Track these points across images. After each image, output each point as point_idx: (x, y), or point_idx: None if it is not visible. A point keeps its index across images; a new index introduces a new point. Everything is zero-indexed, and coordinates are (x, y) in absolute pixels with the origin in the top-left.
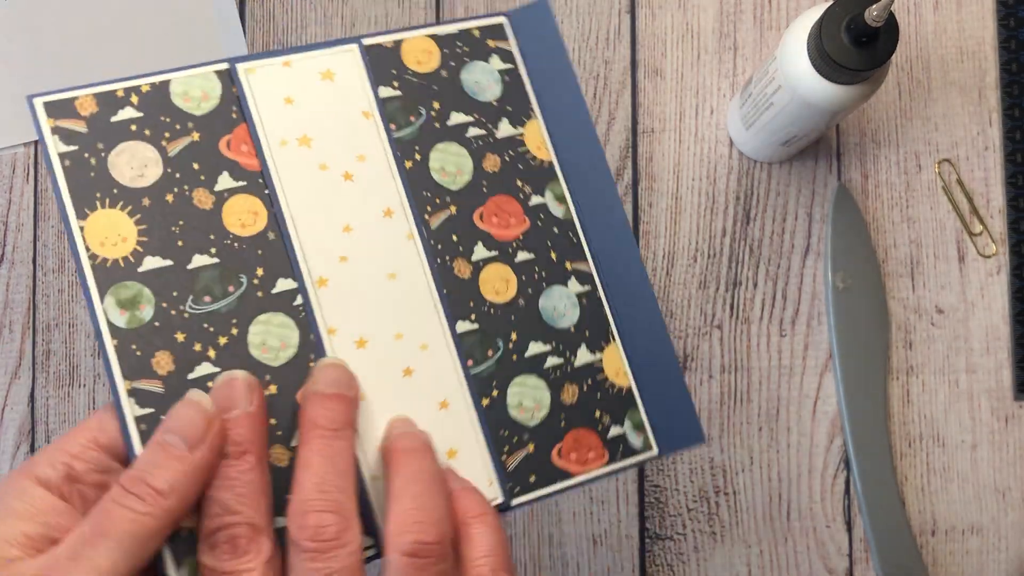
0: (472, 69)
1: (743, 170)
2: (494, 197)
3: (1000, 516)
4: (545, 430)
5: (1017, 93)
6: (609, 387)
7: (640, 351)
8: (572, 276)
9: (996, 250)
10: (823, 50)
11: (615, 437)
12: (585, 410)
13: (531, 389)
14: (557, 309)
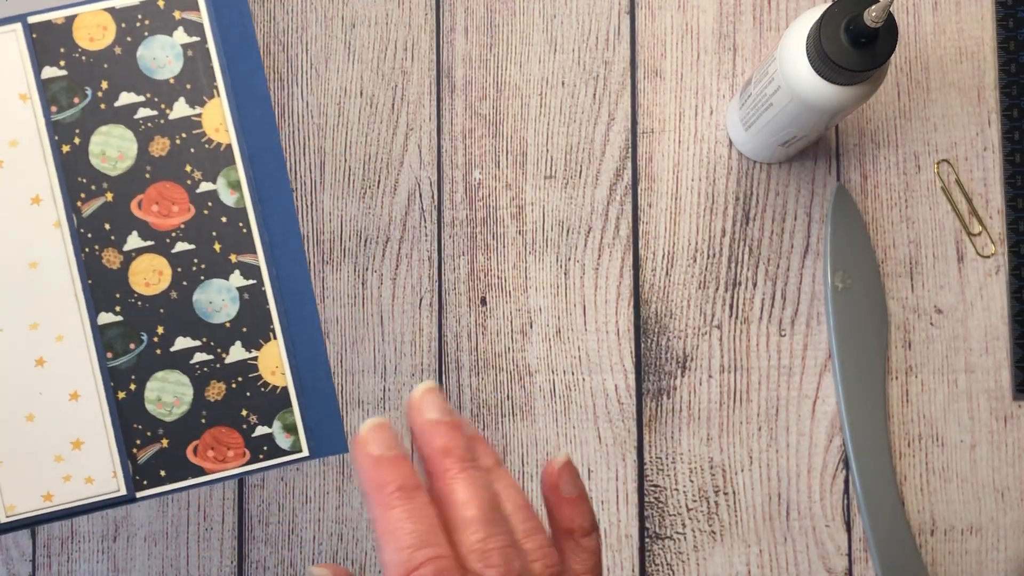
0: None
1: (742, 171)
2: (157, 184)
3: (999, 516)
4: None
5: (1016, 94)
6: (262, 386)
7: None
8: (236, 269)
9: (995, 250)
10: (822, 51)
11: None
12: (230, 408)
13: (172, 384)
14: (213, 303)
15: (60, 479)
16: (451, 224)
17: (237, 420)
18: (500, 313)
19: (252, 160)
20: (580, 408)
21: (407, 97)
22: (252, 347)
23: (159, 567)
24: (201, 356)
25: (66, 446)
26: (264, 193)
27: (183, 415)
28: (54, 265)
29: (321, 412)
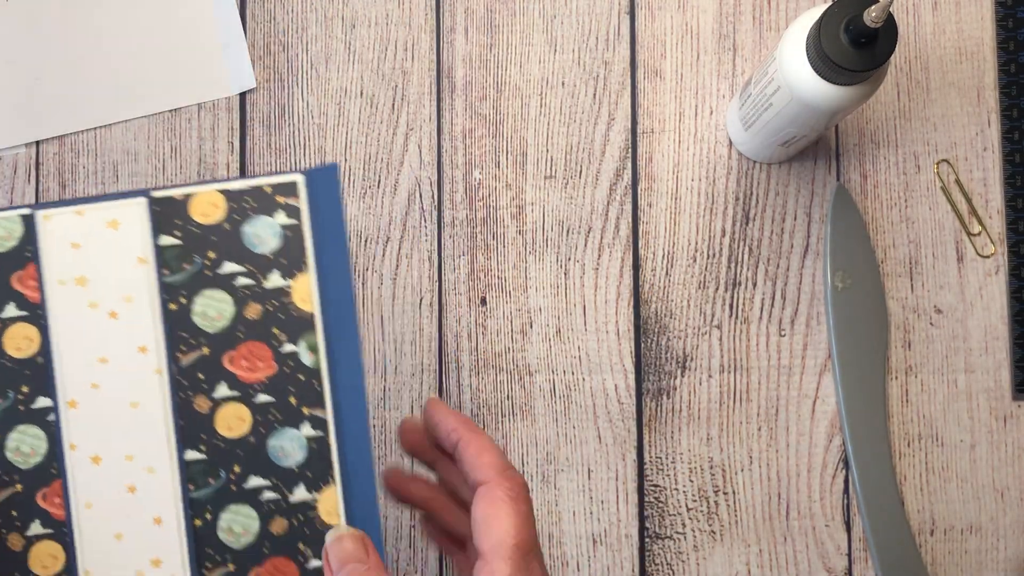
0: (255, 223)
1: (742, 171)
2: (247, 343)
3: (999, 515)
4: (248, 554)
5: (1015, 94)
6: (320, 524)
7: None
8: (307, 420)
9: (995, 250)
10: (822, 51)
11: (313, 569)
12: (289, 542)
13: (243, 517)
14: (284, 449)
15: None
16: (451, 224)
17: (294, 552)
18: (500, 313)
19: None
20: (580, 408)
21: (407, 97)
22: (314, 489)
23: None
24: (269, 495)
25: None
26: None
27: (249, 544)
28: (153, 406)
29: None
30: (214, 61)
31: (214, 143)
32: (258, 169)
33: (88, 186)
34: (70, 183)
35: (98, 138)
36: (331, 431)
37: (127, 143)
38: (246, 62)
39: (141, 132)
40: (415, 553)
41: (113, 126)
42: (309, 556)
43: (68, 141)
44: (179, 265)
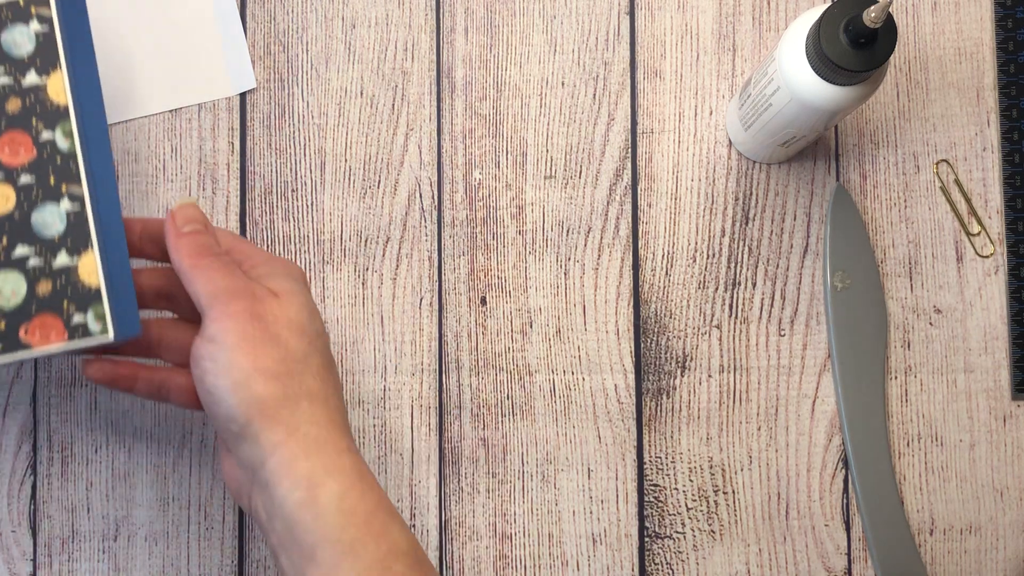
0: (12, 31)
1: (742, 171)
2: (9, 132)
3: (998, 515)
4: (17, 313)
5: (1015, 94)
6: (80, 285)
7: (112, 260)
8: (65, 196)
9: (994, 250)
10: (822, 51)
11: (77, 324)
12: (55, 301)
13: (12, 282)
14: (46, 222)
15: None
16: (451, 224)
17: (60, 309)
18: (500, 313)
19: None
20: (580, 408)
21: (407, 97)
22: (75, 255)
23: (160, 566)
24: (34, 261)
25: None
26: (89, 140)
27: (18, 305)
28: None
29: (123, 306)
30: (214, 61)
31: (214, 143)
32: (259, 170)
33: None
34: None
35: None
36: (87, 204)
37: (127, 143)
38: (246, 62)
39: (141, 132)
40: None
41: (113, 126)
42: (73, 312)
43: None
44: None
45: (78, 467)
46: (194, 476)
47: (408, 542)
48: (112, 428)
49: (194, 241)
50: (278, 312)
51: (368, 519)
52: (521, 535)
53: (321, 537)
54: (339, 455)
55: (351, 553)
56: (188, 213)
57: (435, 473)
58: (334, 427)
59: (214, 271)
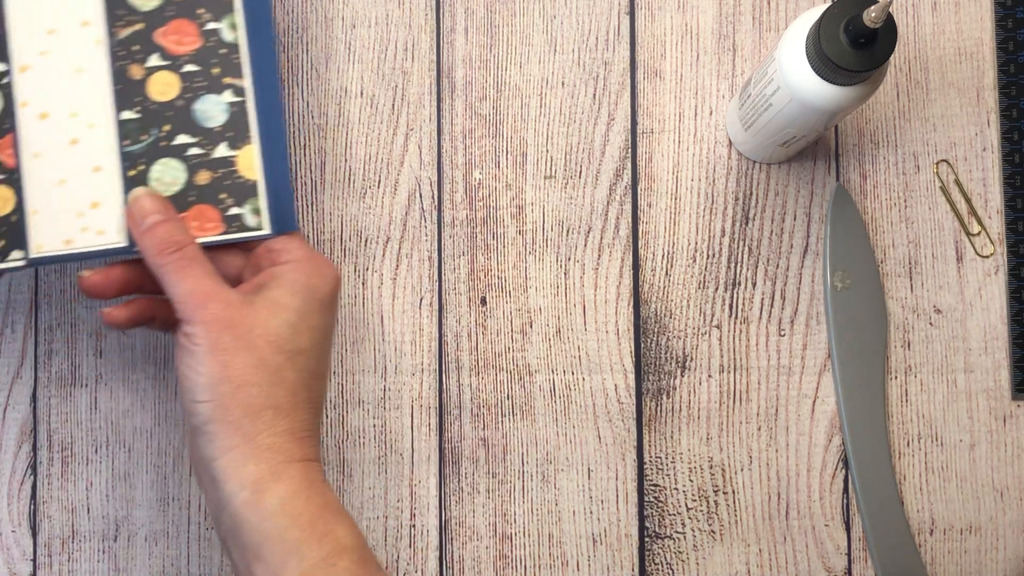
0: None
1: (742, 171)
2: (176, 20)
3: (998, 515)
4: (174, 201)
5: (1015, 94)
6: (238, 178)
7: (269, 155)
8: (228, 88)
9: (994, 250)
10: (822, 51)
11: (234, 215)
12: (213, 191)
13: (172, 169)
14: (208, 112)
15: (79, 230)
16: (451, 224)
17: (217, 200)
18: (500, 313)
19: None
20: (580, 408)
21: (407, 97)
22: (234, 147)
23: (160, 566)
24: (195, 151)
25: (86, 206)
26: (254, 32)
27: (178, 192)
28: (94, 72)
29: (281, 202)
30: None
31: None
32: None
33: None
34: None
35: None
36: (249, 98)
37: None
38: None
39: None
40: (415, 553)
41: None
42: (230, 204)
43: None
44: None
45: (78, 467)
46: (194, 476)
47: (354, 540)
48: (112, 428)
49: (155, 237)
50: (254, 321)
51: (312, 521)
52: (521, 535)
53: (265, 537)
54: (289, 463)
55: (296, 552)
56: (145, 205)
57: (435, 473)
58: (292, 438)
59: (180, 272)
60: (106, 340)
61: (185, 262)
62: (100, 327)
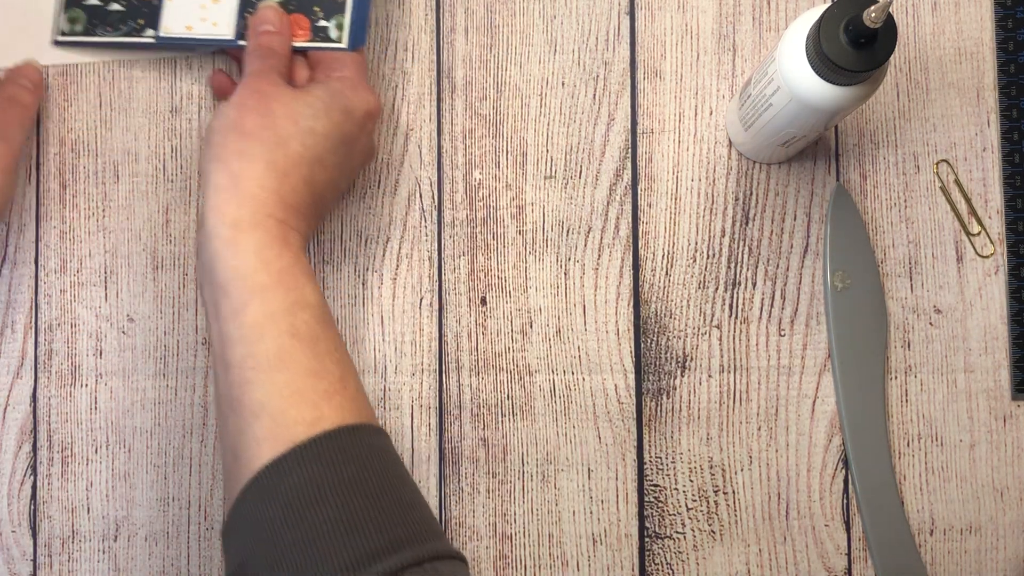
0: None
1: (742, 171)
2: None
3: (998, 515)
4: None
5: (1015, 94)
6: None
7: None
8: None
9: (994, 250)
10: (822, 51)
11: (321, 27)
12: (309, 4)
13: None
14: None
15: (199, 20)
16: (451, 224)
17: (310, 11)
18: (500, 313)
19: None
20: (580, 408)
21: (407, 97)
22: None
23: (160, 566)
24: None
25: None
26: None
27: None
28: None
29: (359, 22)
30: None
31: None
32: None
33: (88, 186)
34: (70, 183)
35: (98, 138)
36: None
37: (127, 143)
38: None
39: (141, 132)
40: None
41: (114, 127)
42: (320, 16)
43: (68, 141)
44: None
45: (78, 467)
46: (194, 476)
47: (316, 298)
48: (112, 428)
49: (263, 39)
50: (282, 96)
51: (281, 272)
52: (521, 535)
53: (235, 274)
54: (268, 216)
55: (260, 294)
56: (265, 15)
57: (435, 473)
58: (279, 201)
59: (260, 60)
60: (106, 340)
61: (269, 53)
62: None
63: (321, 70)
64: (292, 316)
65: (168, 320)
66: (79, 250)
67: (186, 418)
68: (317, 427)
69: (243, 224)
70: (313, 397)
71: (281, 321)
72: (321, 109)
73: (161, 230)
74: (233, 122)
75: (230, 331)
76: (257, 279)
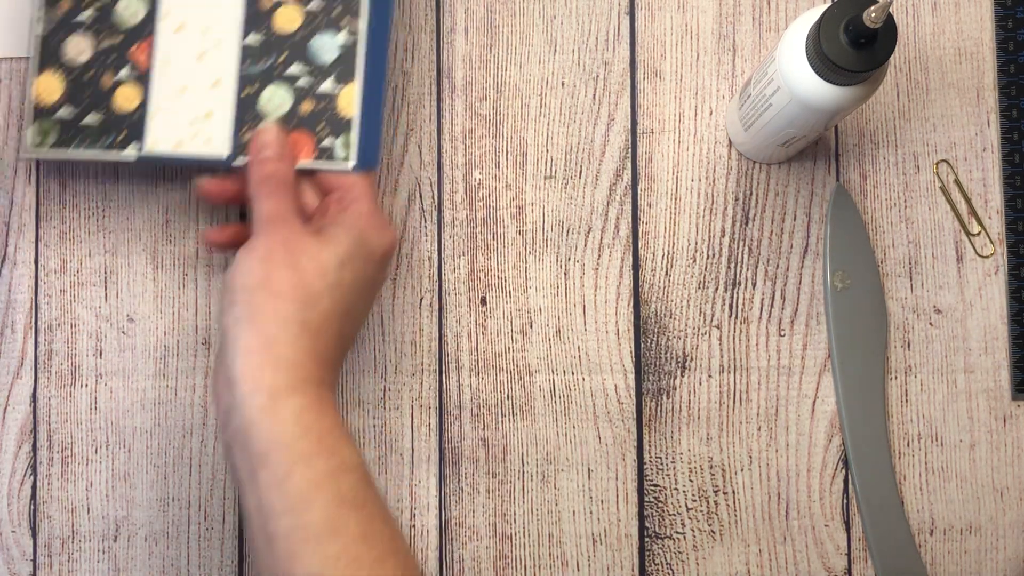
0: None
1: (742, 171)
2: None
3: (998, 515)
4: (278, 123)
5: (1015, 94)
6: (336, 113)
7: (368, 97)
8: (345, 28)
9: (994, 250)
10: (822, 51)
11: (326, 147)
12: (312, 121)
13: (280, 95)
14: (322, 48)
15: (190, 136)
16: (451, 224)
17: (315, 131)
18: (500, 313)
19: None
20: (580, 408)
21: (407, 97)
22: (339, 83)
23: (160, 566)
24: (304, 80)
25: (201, 115)
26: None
27: (282, 116)
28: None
29: (369, 141)
30: None
31: None
32: None
33: (89, 187)
34: (70, 183)
35: None
36: (361, 40)
37: None
38: None
39: None
40: (415, 553)
41: None
42: (325, 135)
43: None
44: None
45: (78, 467)
46: (194, 476)
47: (358, 460)
48: (112, 428)
49: (266, 166)
50: (308, 247)
51: (322, 435)
52: (521, 535)
53: (275, 443)
54: (305, 381)
55: (303, 462)
56: (269, 138)
57: (435, 473)
58: (315, 359)
59: (268, 198)
60: (106, 340)
61: (279, 188)
62: (99, 326)
63: (334, 201)
64: (337, 482)
65: (168, 320)
66: (79, 250)
67: (186, 418)
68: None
69: (281, 391)
70: (367, 563)
71: (327, 489)
72: (346, 258)
73: (161, 230)
74: (260, 280)
75: (273, 502)
76: (299, 447)
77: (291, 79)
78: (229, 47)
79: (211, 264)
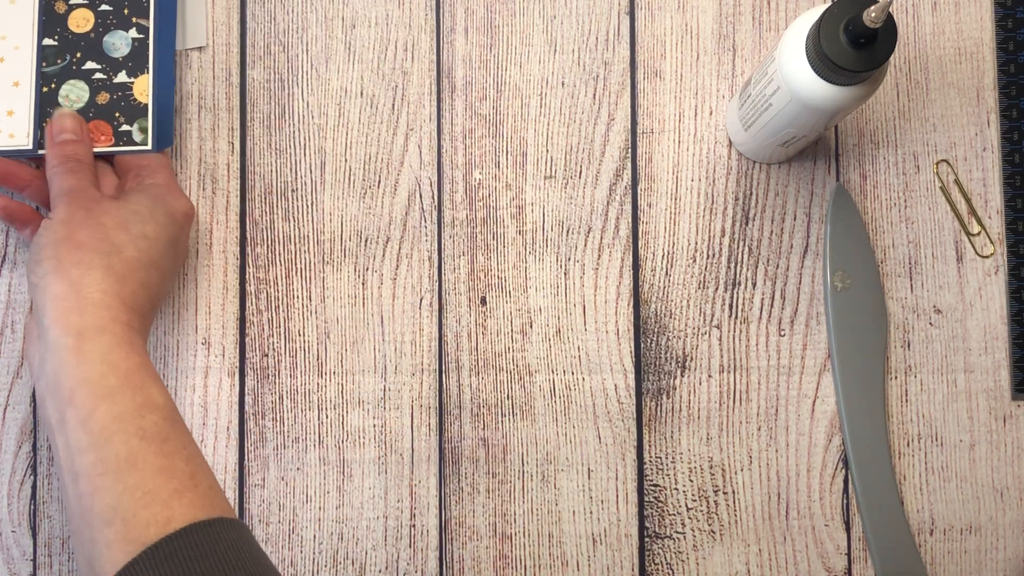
0: None
1: (742, 171)
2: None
3: (998, 515)
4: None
5: (1015, 94)
6: (133, 101)
7: (160, 84)
8: (134, 26)
9: (994, 250)
10: (822, 51)
11: (124, 132)
12: (110, 110)
13: (78, 89)
14: (115, 45)
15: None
16: (451, 224)
17: (111, 118)
18: (500, 313)
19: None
20: (580, 408)
21: (407, 97)
22: (133, 76)
23: None
24: (99, 76)
25: (3, 114)
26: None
27: (80, 109)
28: (25, 4)
29: (163, 124)
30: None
31: (214, 143)
32: (259, 170)
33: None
34: None
35: None
36: (151, 35)
37: None
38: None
39: None
40: (415, 553)
41: None
42: (122, 122)
43: None
44: None
45: None
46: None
47: (164, 400)
48: None
49: (64, 149)
50: (108, 208)
51: (129, 374)
52: (521, 535)
53: (83, 380)
54: (112, 320)
55: (108, 398)
56: (65, 123)
57: (435, 473)
58: (121, 304)
59: (68, 175)
60: None
61: (76, 167)
62: None
63: (131, 177)
64: (142, 418)
65: (168, 320)
66: None
67: (186, 418)
68: (168, 527)
69: (88, 330)
70: (164, 497)
71: (130, 423)
72: (147, 214)
73: None
74: (64, 236)
75: (78, 439)
76: (105, 383)
77: (88, 74)
78: (27, 50)
79: (211, 264)
